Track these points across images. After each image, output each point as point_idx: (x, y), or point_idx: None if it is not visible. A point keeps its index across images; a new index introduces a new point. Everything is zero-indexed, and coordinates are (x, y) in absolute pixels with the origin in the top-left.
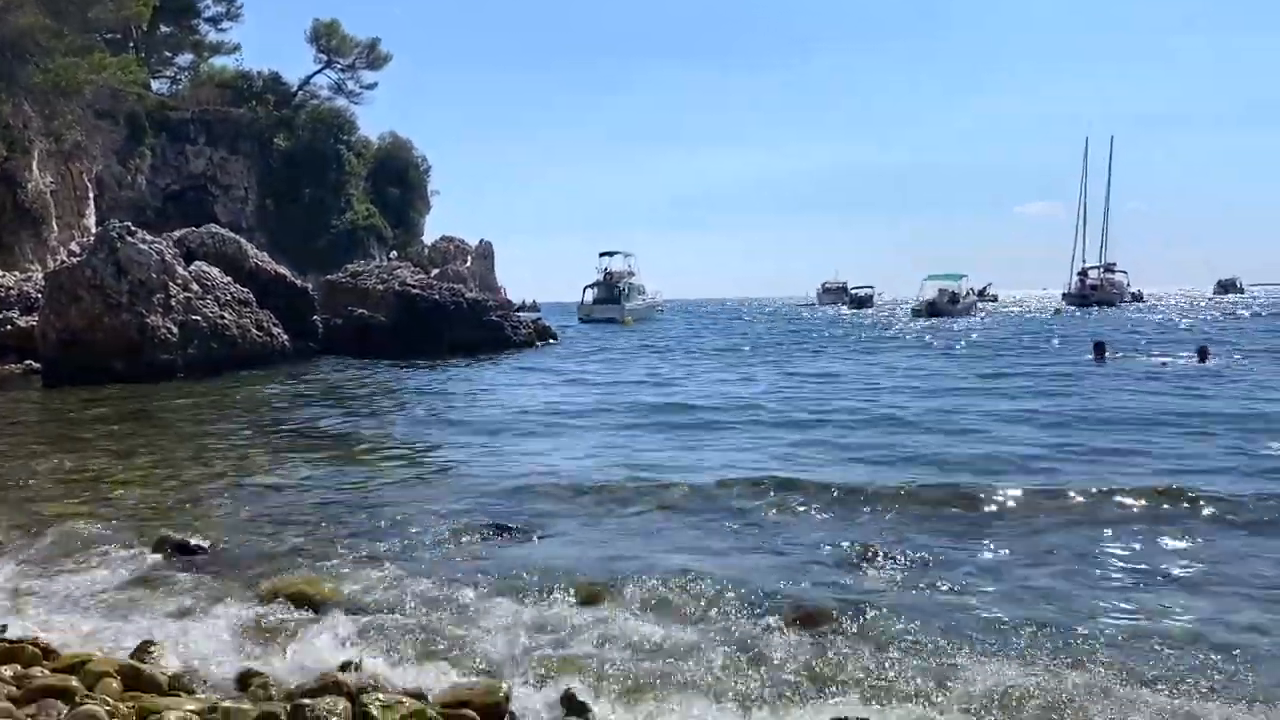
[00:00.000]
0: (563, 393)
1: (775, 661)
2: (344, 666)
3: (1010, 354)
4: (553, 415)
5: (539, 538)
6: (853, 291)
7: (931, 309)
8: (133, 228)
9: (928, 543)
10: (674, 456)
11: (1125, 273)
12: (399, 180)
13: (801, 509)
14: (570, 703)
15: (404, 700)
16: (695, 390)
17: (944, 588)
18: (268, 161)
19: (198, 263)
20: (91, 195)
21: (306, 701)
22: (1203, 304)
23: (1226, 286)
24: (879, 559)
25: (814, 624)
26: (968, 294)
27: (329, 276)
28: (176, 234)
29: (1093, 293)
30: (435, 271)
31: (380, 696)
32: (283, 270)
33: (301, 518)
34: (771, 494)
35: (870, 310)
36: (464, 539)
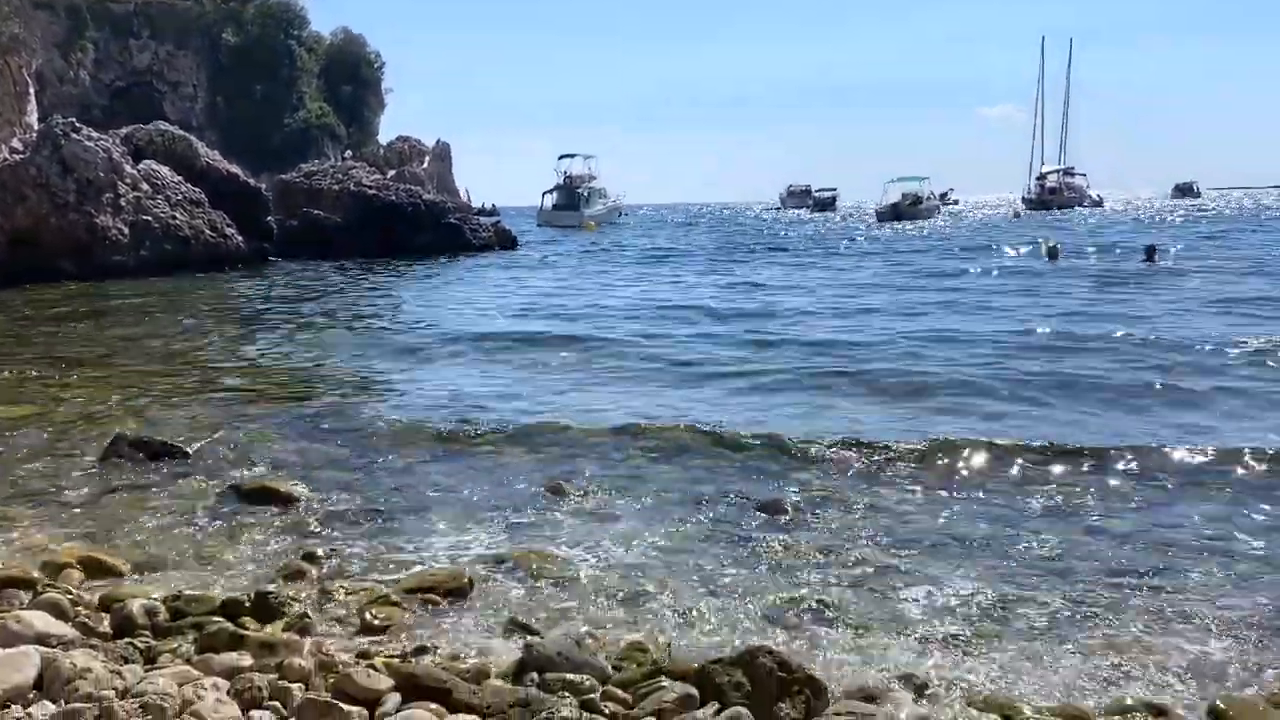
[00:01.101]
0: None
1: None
2: (307, 556)
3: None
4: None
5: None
6: (816, 195)
7: (895, 212)
8: (77, 124)
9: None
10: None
11: (1084, 176)
12: (352, 78)
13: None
14: (534, 575)
15: (367, 586)
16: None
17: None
18: (217, 58)
19: (147, 161)
20: (32, 91)
21: (271, 589)
22: (1157, 207)
23: (1184, 190)
24: None
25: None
26: (929, 197)
27: (283, 176)
28: (123, 131)
29: (1052, 197)
30: (391, 173)
31: (344, 583)
32: (235, 170)
33: (266, 420)
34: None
35: (833, 213)
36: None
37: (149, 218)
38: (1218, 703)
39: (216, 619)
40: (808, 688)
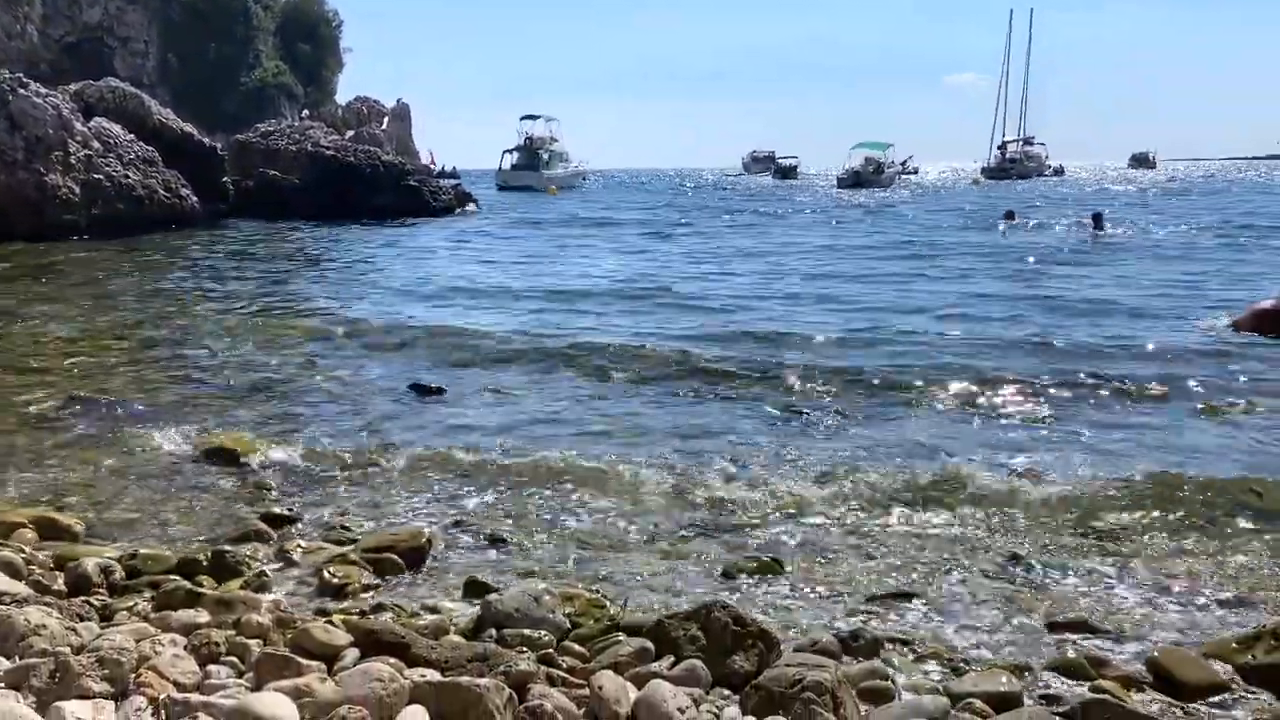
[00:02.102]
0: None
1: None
2: (265, 516)
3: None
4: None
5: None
6: (779, 161)
7: (856, 178)
8: (25, 79)
9: None
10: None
11: (1044, 145)
12: (310, 37)
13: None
14: (492, 538)
15: (325, 546)
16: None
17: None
18: (169, 14)
19: (98, 119)
20: None
21: (228, 548)
22: (1114, 177)
23: (1140, 160)
24: None
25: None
26: (891, 164)
27: (239, 136)
28: (73, 87)
29: (1011, 166)
30: (350, 134)
31: (302, 542)
32: (189, 129)
33: (222, 379)
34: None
35: (795, 180)
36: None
37: (100, 176)
38: (1155, 654)
39: (173, 578)
40: (760, 640)
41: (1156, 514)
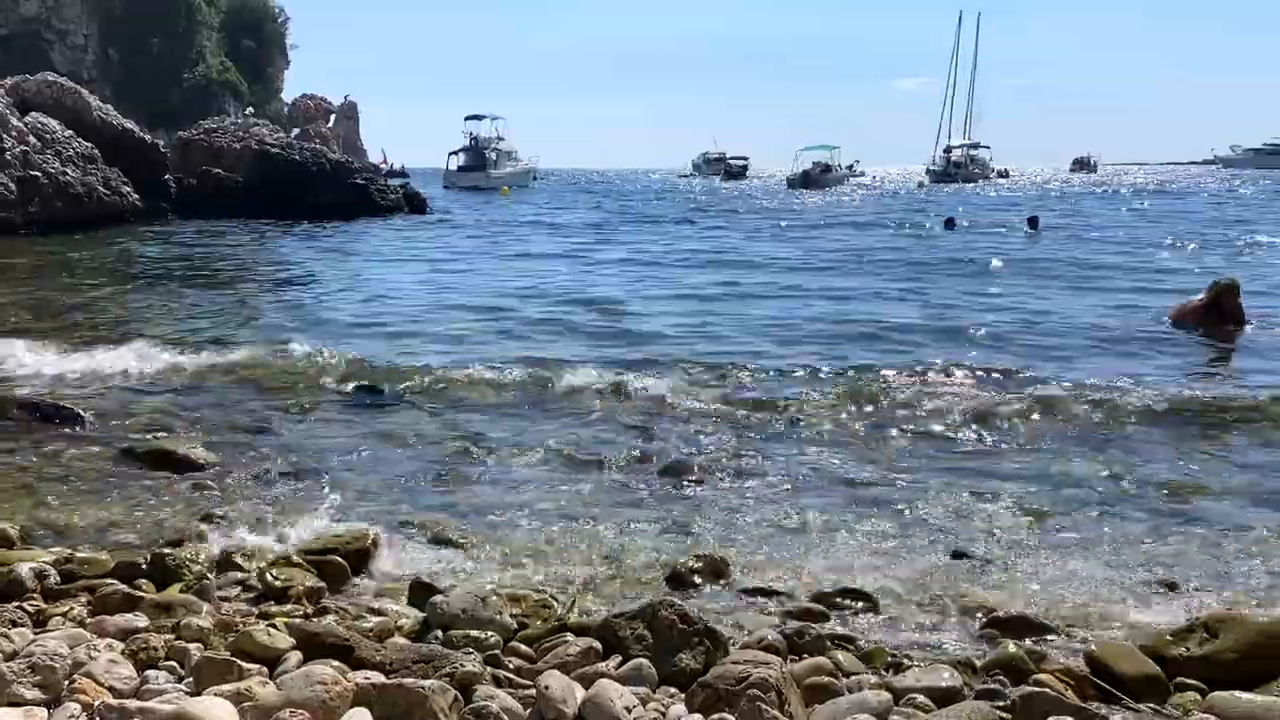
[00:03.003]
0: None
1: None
2: (206, 519)
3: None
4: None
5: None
6: (729, 163)
7: (805, 179)
8: None
9: None
10: None
11: (989, 148)
12: (255, 33)
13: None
14: (438, 539)
15: (268, 548)
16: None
17: None
18: (109, 7)
19: (34, 114)
20: None
21: (167, 551)
22: (1058, 180)
23: (1082, 163)
24: None
25: None
26: (838, 166)
27: (182, 134)
28: (9, 82)
29: (957, 169)
30: (296, 132)
31: (245, 544)
32: (130, 125)
33: (162, 382)
34: None
35: (745, 182)
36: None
37: (38, 173)
38: (1093, 648)
39: (111, 582)
40: (707, 639)
41: (1095, 511)
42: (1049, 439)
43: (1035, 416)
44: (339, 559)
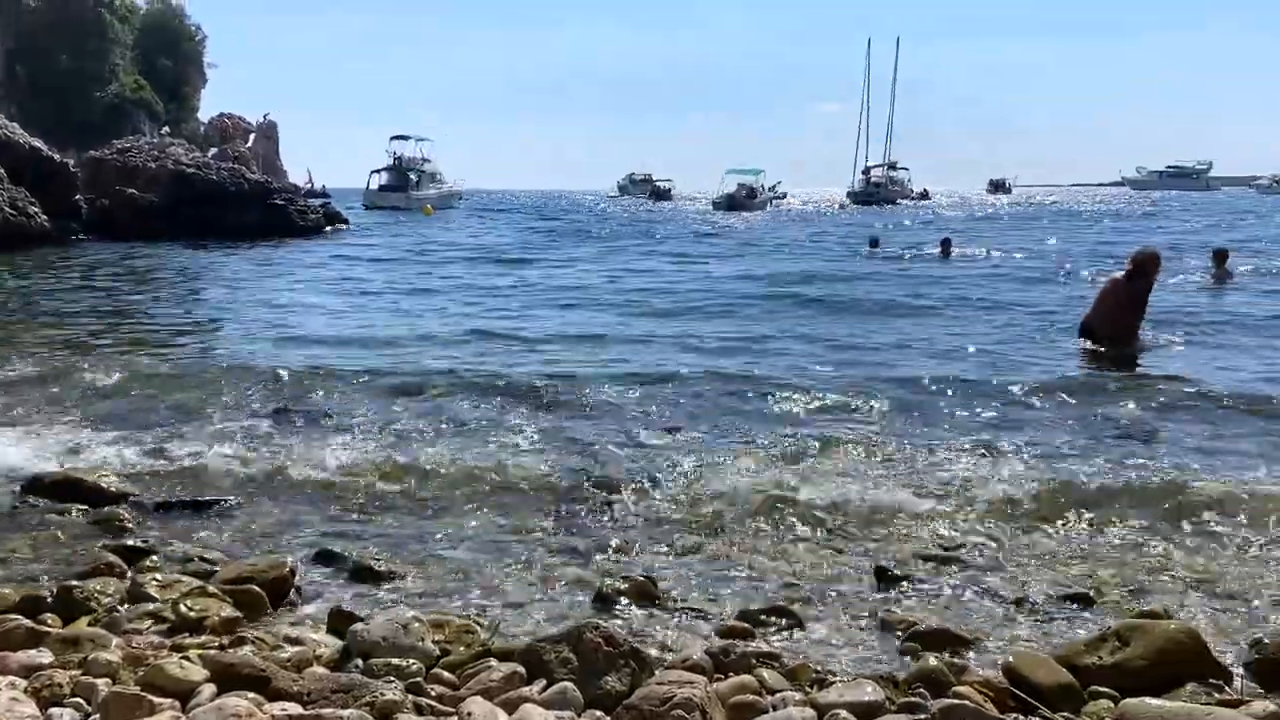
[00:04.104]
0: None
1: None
2: (117, 550)
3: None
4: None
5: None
6: (655, 184)
7: (730, 202)
8: None
9: None
10: None
11: (907, 170)
12: (171, 51)
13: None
14: (359, 566)
15: (182, 579)
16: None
17: None
18: (17, 23)
19: None
20: None
21: (76, 584)
22: (974, 202)
23: (997, 186)
24: None
25: None
26: (762, 189)
27: (93, 152)
28: None
29: (876, 190)
30: (213, 151)
31: (158, 576)
32: (39, 144)
33: (71, 407)
34: None
35: (670, 203)
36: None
37: None
38: (1010, 659)
39: (13, 617)
40: (633, 660)
41: (1012, 524)
42: (967, 457)
43: (951, 435)
44: (256, 588)
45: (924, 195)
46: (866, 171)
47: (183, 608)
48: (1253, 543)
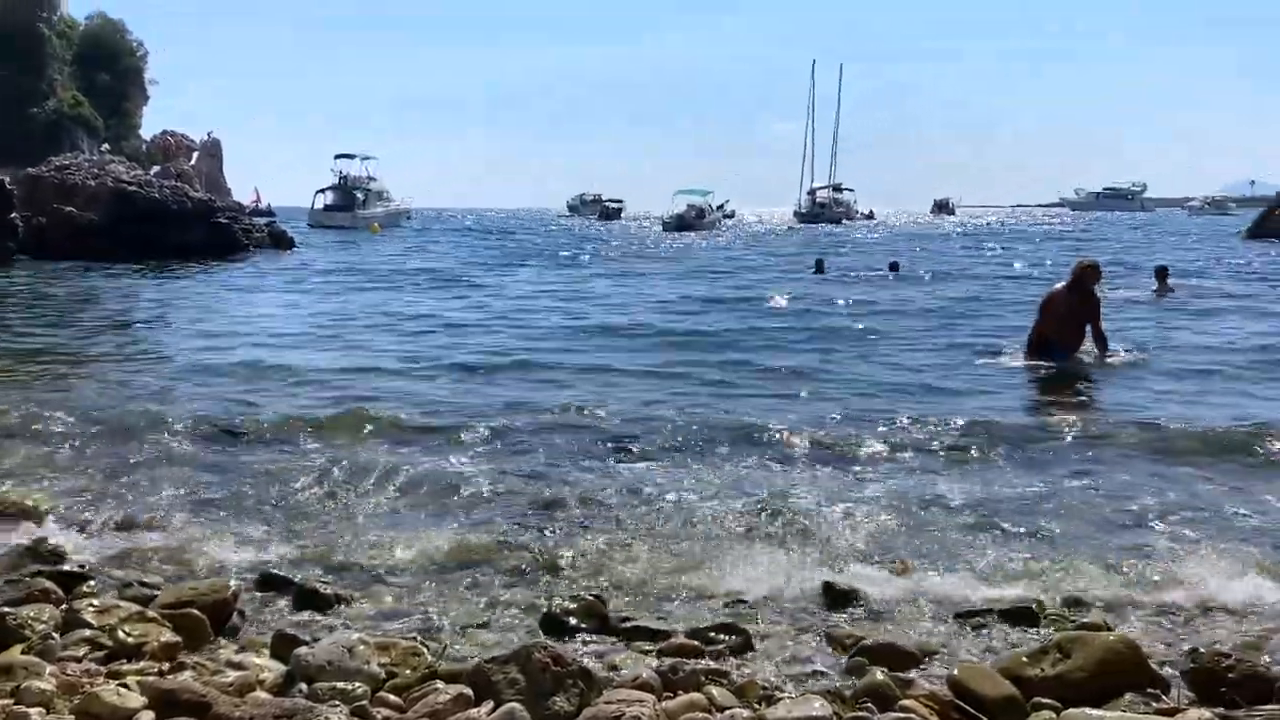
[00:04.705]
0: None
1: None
2: (51, 575)
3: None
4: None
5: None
6: (605, 204)
7: (680, 222)
8: None
9: None
10: None
11: (852, 191)
12: (111, 67)
13: None
14: (303, 589)
15: (121, 604)
16: None
17: None
18: None
19: None
20: None
21: (7, 610)
22: (921, 222)
23: (941, 206)
24: None
25: None
26: (710, 209)
27: (30, 170)
28: None
29: (823, 211)
30: (155, 169)
31: (95, 601)
32: None
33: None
34: None
35: (620, 222)
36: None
37: None
38: (955, 672)
39: None
40: (581, 680)
41: (957, 535)
42: (912, 471)
43: (898, 451)
44: (197, 613)
45: (870, 216)
46: (813, 192)
47: (121, 633)
48: (1189, 554)
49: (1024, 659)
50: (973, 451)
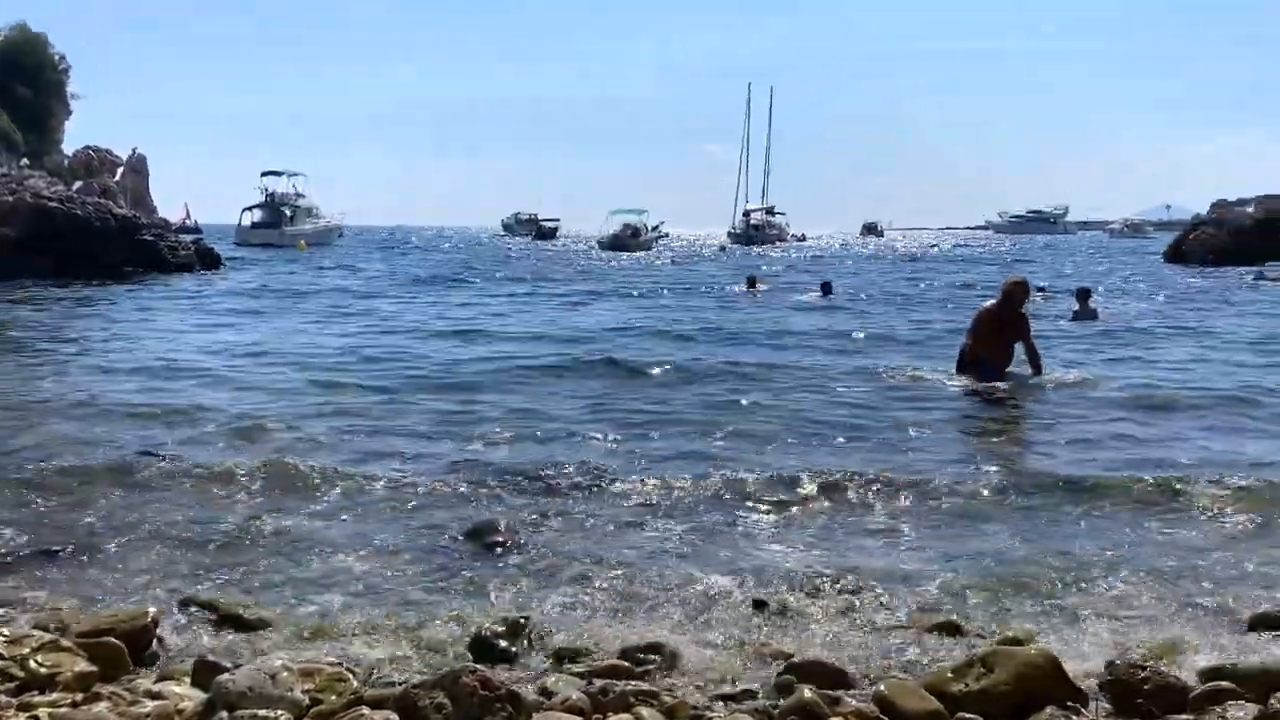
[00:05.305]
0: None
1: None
2: None
3: None
4: None
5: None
6: (541, 223)
7: (615, 242)
8: None
9: None
10: None
11: (784, 214)
12: (31, 80)
13: None
14: (224, 615)
15: (33, 633)
16: None
17: None
18: None
19: None
20: None
21: None
22: (851, 244)
23: (870, 229)
24: None
25: None
26: (647, 229)
27: None
28: None
29: (756, 232)
30: (78, 185)
31: (5, 631)
32: None
33: None
34: None
35: (555, 241)
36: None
37: None
38: (882, 689)
39: None
40: (510, 704)
41: (880, 551)
42: (845, 500)
43: (819, 466)
44: (115, 641)
45: (802, 238)
46: (747, 214)
47: (33, 664)
48: (1110, 568)
49: (948, 674)
50: (902, 486)
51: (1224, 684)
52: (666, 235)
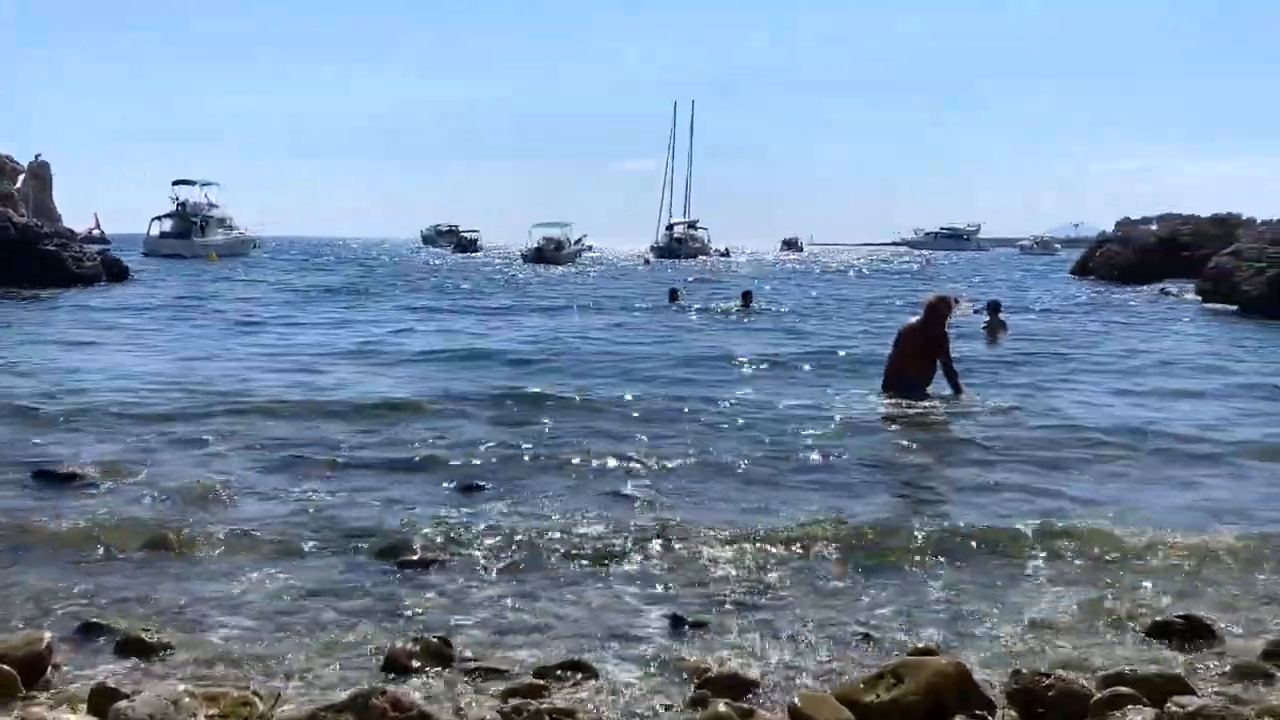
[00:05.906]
0: None
1: None
2: None
3: None
4: None
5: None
6: (461, 235)
7: (539, 255)
8: None
9: None
10: None
11: (706, 229)
12: None
13: None
14: (125, 639)
15: None
16: None
17: None
18: None
19: None
20: None
21: None
22: (770, 259)
23: (790, 244)
24: None
25: None
26: (567, 242)
27: None
28: None
29: (679, 246)
30: None
31: None
32: None
33: None
34: None
35: (477, 254)
36: None
37: None
38: (795, 700)
39: None
40: None
41: (799, 565)
42: (757, 502)
43: (739, 485)
44: (7, 668)
45: (725, 253)
46: (670, 228)
47: None
48: (1017, 578)
49: (860, 685)
50: (819, 477)
51: (1124, 689)
52: (590, 248)
